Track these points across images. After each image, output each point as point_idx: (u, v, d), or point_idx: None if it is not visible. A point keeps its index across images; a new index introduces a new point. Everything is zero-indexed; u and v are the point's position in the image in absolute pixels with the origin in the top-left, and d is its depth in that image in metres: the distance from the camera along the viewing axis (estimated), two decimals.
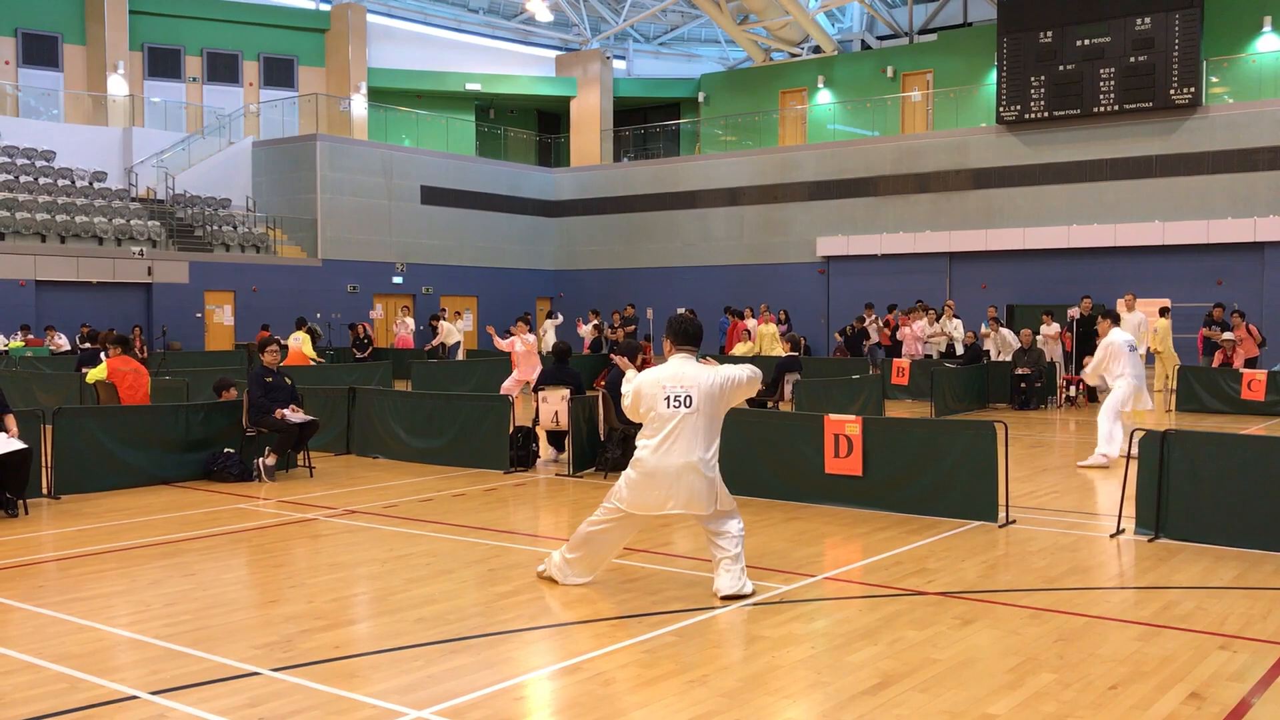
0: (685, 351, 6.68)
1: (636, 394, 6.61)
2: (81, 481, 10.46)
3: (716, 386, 6.48)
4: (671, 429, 6.42)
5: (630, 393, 6.67)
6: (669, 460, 6.41)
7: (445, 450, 12.33)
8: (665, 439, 6.43)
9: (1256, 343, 18.95)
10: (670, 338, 6.76)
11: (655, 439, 6.46)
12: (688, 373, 6.52)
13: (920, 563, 7.45)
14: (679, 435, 6.41)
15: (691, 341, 6.71)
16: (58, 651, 5.52)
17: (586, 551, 6.75)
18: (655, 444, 6.45)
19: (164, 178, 30.40)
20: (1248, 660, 5.37)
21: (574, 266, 36.42)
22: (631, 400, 6.66)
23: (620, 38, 39.94)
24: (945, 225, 29.62)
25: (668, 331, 6.80)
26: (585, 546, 6.73)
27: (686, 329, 6.73)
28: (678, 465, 6.39)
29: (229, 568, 7.59)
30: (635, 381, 6.69)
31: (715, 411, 6.51)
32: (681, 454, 6.40)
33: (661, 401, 6.47)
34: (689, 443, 6.41)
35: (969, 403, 18.06)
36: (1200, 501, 8.07)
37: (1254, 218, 25.56)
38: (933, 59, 33.60)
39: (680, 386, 6.46)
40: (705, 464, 6.43)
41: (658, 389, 6.51)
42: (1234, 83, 28.17)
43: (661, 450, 6.42)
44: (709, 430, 6.49)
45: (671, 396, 6.45)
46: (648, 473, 6.45)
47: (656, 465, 6.42)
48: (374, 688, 4.98)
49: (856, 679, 5.09)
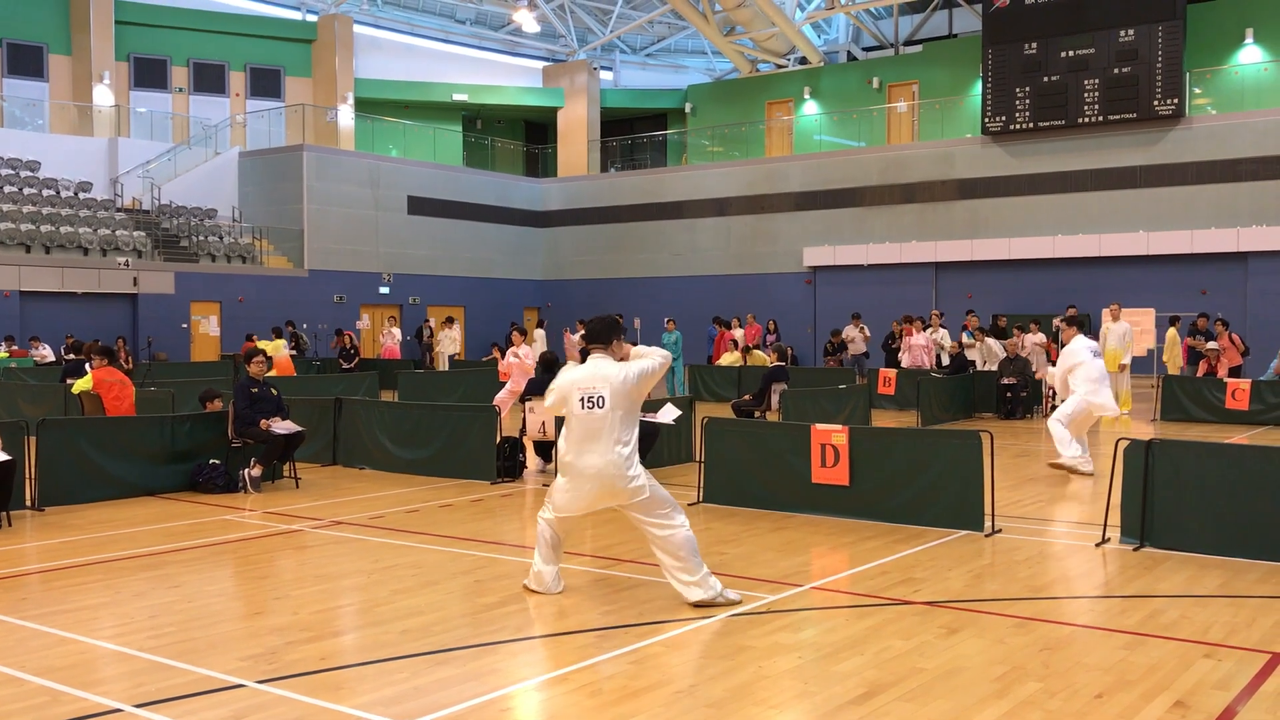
0: (597, 349, 6.78)
1: (558, 396, 6.76)
2: (66, 493, 10.40)
3: (628, 382, 6.57)
4: (587, 430, 6.56)
5: (552, 395, 6.82)
6: (588, 460, 6.55)
7: (432, 461, 12.30)
8: (582, 440, 6.57)
9: (1239, 352, 19.07)
10: (584, 339, 6.90)
11: (573, 440, 6.61)
12: (600, 372, 6.62)
13: (907, 572, 7.46)
14: (596, 435, 6.54)
15: (599, 339, 6.79)
16: (41, 664, 5.49)
17: (554, 555, 6.92)
18: (573, 445, 6.61)
19: (150, 188, 30.32)
20: (1232, 668, 5.39)
21: (561, 276, 36.43)
22: (553, 402, 6.83)
23: (607, 49, 40.03)
24: (931, 235, 29.74)
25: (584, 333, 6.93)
26: (551, 552, 6.89)
27: (593, 327, 6.86)
28: (598, 465, 6.53)
29: (214, 579, 7.56)
30: (556, 383, 6.82)
31: (630, 406, 6.61)
32: (600, 453, 6.53)
33: (576, 403, 6.60)
34: (606, 442, 6.53)
35: (955, 412, 18.12)
36: (1185, 510, 8.10)
37: (1237, 228, 25.73)
38: (918, 70, 33.75)
39: (593, 387, 6.58)
40: (623, 459, 6.54)
41: (573, 390, 6.64)
42: (1217, 94, 28.38)
43: (581, 451, 6.58)
44: (625, 424, 6.58)
45: (585, 397, 6.57)
46: (571, 475, 6.62)
47: (578, 467, 6.59)
48: (360, 699, 4.96)
49: (843, 689, 5.09)
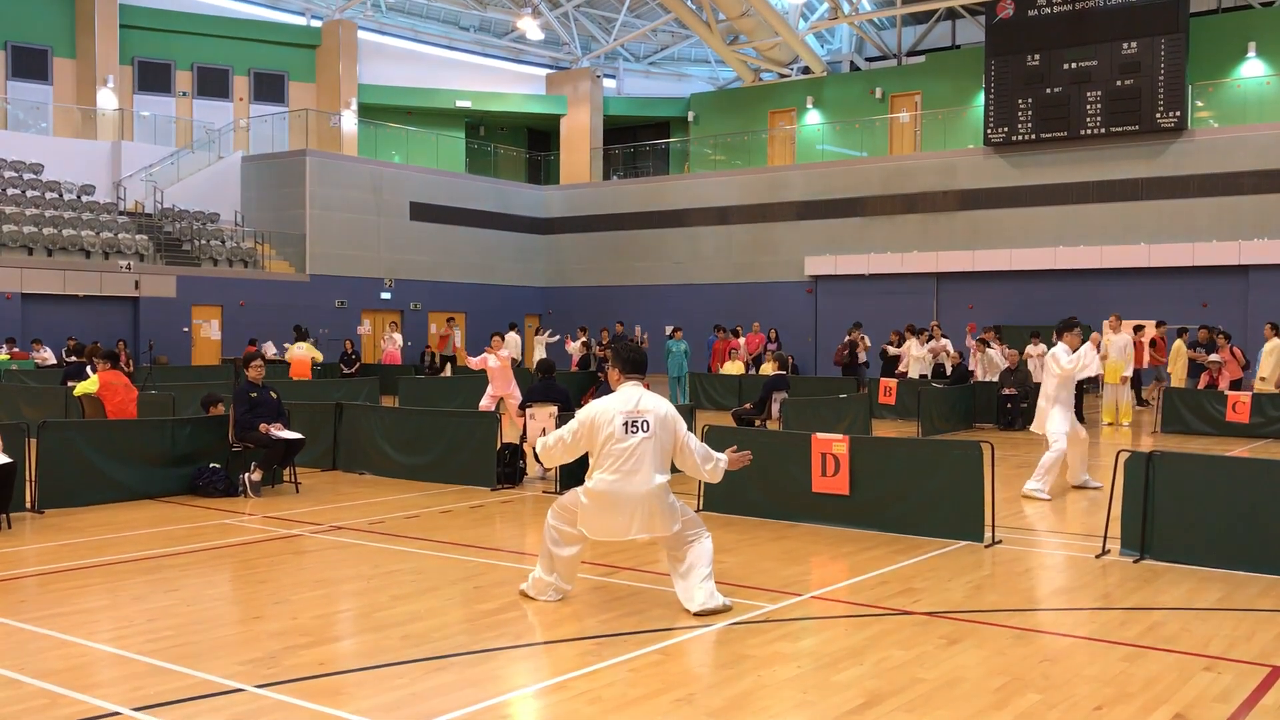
0: (634, 379, 6.76)
1: (589, 425, 6.55)
2: (66, 496, 10.39)
3: (670, 416, 6.61)
4: (634, 454, 6.46)
5: (581, 425, 6.59)
6: (632, 487, 6.45)
7: (432, 467, 12.28)
8: (627, 463, 6.46)
9: (1240, 365, 19.07)
10: (620, 366, 6.81)
11: (616, 464, 6.47)
12: (644, 399, 6.61)
13: (906, 582, 7.45)
14: (641, 460, 6.46)
15: (639, 370, 6.81)
16: (39, 667, 5.48)
17: (560, 571, 6.81)
18: (617, 469, 6.46)
19: (152, 192, 30.35)
20: (1232, 681, 5.38)
21: (563, 283, 36.45)
22: (577, 435, 6.60)
23: (610, 57, 40.09)
24: (933, 246, 29.76)
25: (615, 360, 6.86)
26: (556, 566, 6.80)
27: (634, 357, 6.82)
28: (642, 491, 6.45)
29: (213, 583, 7.55)
30: (587, 413, 6.63)
31: (667, 439, 6.60)
32: (645, 479, 6.45)
33: (620, 428, 6.49)
34: (650, 467, 6.47)
35: (955, 423, 18.10)
36: (1185, 523, 8.09)
37: (1238, 241, 25.76)
38: (921, 81, 33.81)
39: (638, 412, 6.54)
40: (666, 487, 6.51)
41: (614, 415, 6.53)
42: (1219, 107, 28.43)
43: (624, 477, 6.45)
44: (665, 455, 6.58)
45: (629, 422, 6.51)
46: (610, 499, 6.48)
47: (620, 492, 6.46)
48: (358, 705, 4.95)
49: (843, 699, 5.09)
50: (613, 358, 6.89)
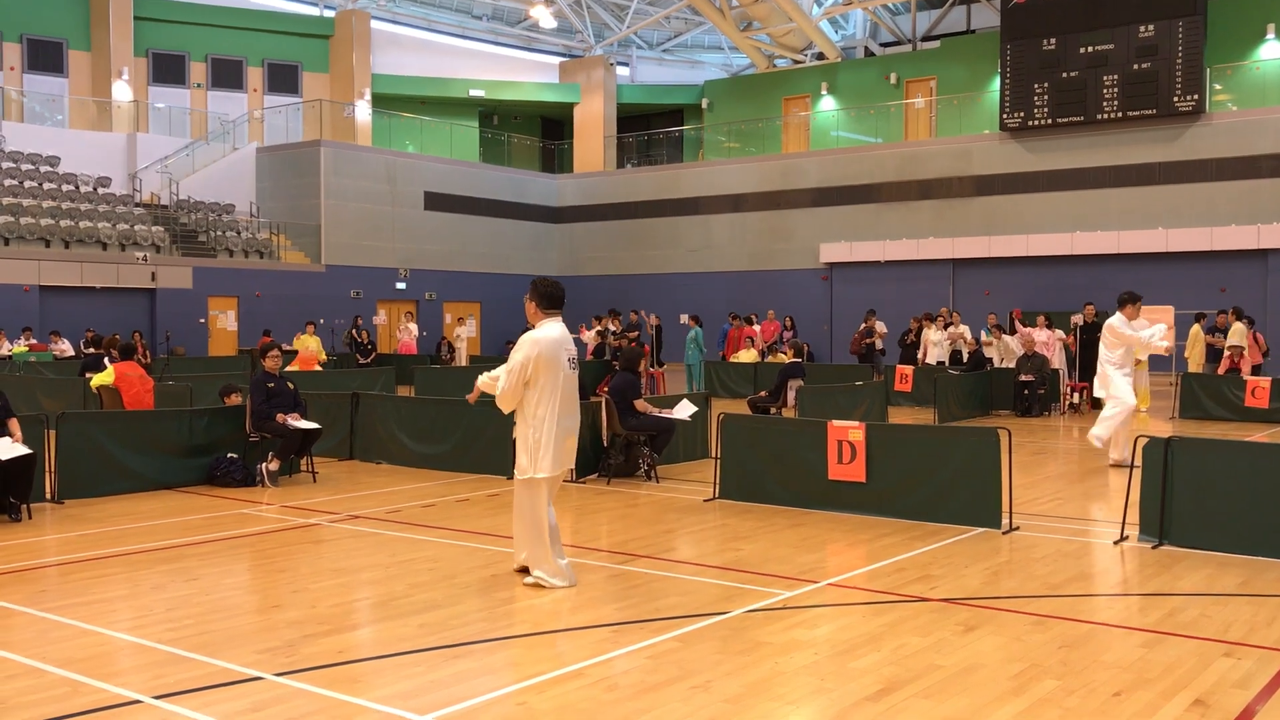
0: (554, 314, 6.89)
1: (538, 360, 6.65)
2: (85, 486, 10.46)
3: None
4: (571, 388, 6.78)
5: (531, 358, 6.64)
6: (574, 419, 6.87)
7: (449, 456, 12.32)
8: (567, 397, 6.75)
9: (1261, 351, 18.94)
10: (538, 301, 6.87)
11: (559, 397, 6.70)
12: (567, 335, 6.87)
13: (923, 569, 7.44)
14: (573, 393, 6.82)
15: (559, 305, 6.93)
16: (60, 656, 5.52)
17: (557, 544, 6.93)
18: (561, 402, 6.71)
19: (168, 183, 30.46)
20: (1252, 667, 5.35)
21: (578, 272, 36.43)
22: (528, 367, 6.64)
23: (624, 44, 40.00)
24: (948, 232, 29.63)
25: (534, 295, 6.89)
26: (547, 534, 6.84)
27: (554, 293, 6.92)
28: (578, 422, 6.95)
29: (231, 572, 7.59)
30: (534, 346, 6.67)
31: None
32: (576, 412, 6.89)
33: (565, 363, 6.74)
34: (576, 400, 6.88)
35: (972, 409, 18.06)
36: (1204, 508, 8.05)
37: (1258, 225, 25.54)
38: (936, 66, 33.62)
39: (571, 350, 6.84)
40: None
41: (560, 350, 6.73)
42: (1237, 90, 28.17)
43: (567, 409, 6.76)
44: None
45: (571, 358, 6.80)
46: (564, 432, 6.74)
47: (570, 425, 6.80)
48: (377, 693, 4.98)
49: (860, 685, 5.08)
50: (532, 293, 6.91)
